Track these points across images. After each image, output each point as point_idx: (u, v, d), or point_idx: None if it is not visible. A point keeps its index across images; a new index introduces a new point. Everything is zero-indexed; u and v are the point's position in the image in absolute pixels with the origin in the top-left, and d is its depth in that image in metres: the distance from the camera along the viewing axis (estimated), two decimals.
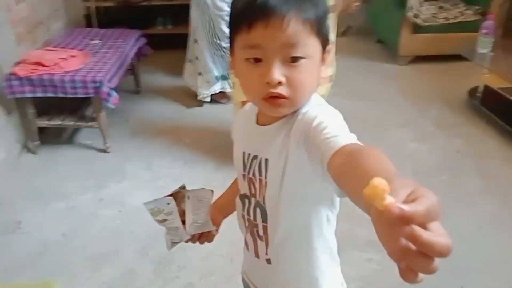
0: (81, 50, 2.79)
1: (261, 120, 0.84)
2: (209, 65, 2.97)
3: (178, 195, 0.90)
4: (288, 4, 0.68)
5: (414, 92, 3.39)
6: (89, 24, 3.74)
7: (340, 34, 4.45)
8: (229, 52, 0.82)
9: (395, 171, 0.51)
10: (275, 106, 0.74)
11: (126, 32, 3.17)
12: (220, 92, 3.11)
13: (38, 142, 2.59)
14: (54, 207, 2.20)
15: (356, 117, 2.94)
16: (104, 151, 2.62)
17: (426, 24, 3.70)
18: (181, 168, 2.50)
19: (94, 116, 2.58)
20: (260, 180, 0.83)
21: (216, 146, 2.68)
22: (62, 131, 2.79)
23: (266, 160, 0.81)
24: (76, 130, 2.81)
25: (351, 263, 1.82)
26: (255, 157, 0.84)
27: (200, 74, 3.03)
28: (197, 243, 1.00)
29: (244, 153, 0.86)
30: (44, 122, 2.57)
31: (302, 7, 0.70)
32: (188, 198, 0.89)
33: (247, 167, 0.86)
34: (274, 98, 0.73)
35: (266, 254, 0.89)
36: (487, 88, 3.02)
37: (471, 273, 1.82)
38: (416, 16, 3.66)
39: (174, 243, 0.96)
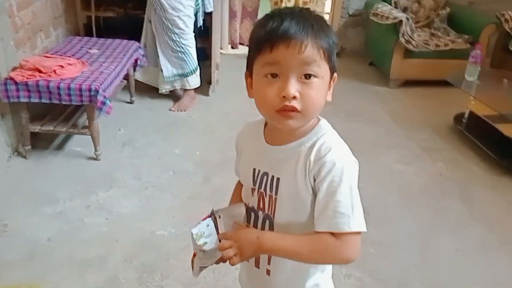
0: (78, 58, 2.83)
1: (271, 140, 0.92)
2: (162, 64, 3.25)
3: (213, 216, 0.90)
4: (306, 32, 0.80)
5: (403, 115, 3.47)
6: (88, 33, 3.79)
7: None
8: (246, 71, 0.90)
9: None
10: (287, 118, 0.83)
11: (125, 43, 3.23)
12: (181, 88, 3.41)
13: (29, 147, 2.62)
14: (41, 211, 2.22)
15: (346, 137, 2.98)
16: (94, 158, 2.65)
17: (418, 50, 3.80)
18: (170, 178, 2.53)
19: (87, 124, 2.61)
20: (270, 196, 0.92)
21: (205, 158, 2.72)
22: (54, 137, 2.82)
23: (278, 179, 0.90)
24: (67, 136, 2.84)
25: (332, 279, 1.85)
26: (265, 173, 0.93)
27: (161, 71, 3.29)
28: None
29: (254, 169, 0.95)
30: (36, 127, 2.59)
31: (317, 36, 0.82)
32: (219, 217, 0.90)
33: (257, 182, 0.94)
34: (287, 111, 0.82)
35: (268, 264, 0.97)
36: (472, 115, 3.11)
37: None
38: (408, 42, 3.76)
39: (202, 268, 0.95)
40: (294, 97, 0.80)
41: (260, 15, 4.80)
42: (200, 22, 3.39)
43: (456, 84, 3.19)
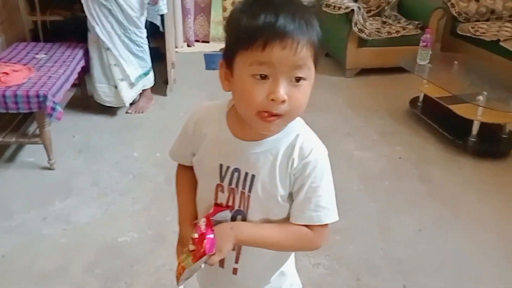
0: (25, 64, 2.71)
1: (240, 133, 0.86)
2: (127, 69, 3.09)
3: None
4: (302, 30, 0.74)
5: (360, 103, 3.53)
6: (35, 39, 3.63)
7: None
8: (223, 63, 0.82)
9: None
10: (268, 124, 0.77)
11: (73, 46, 3.12)
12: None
13: None
14: None
15: None
16: (48, 168, 2.54)
17: (371, 38, 3.87)
18: (130, 182, 2.46)
19: (38, 132, 2.50)
20: (242, 192, 0.87)
21: (166, 158, 2.63)
22: (4, 148, 2.68)
23: (253, 176, 0.85)
24: (19, 147, 2.71)
25: (300, 269, 1.83)
26: (236, 170, 0.87)
27: (122, 80, 3.10)
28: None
29: (221, 165, 0.88)
30: None
31: (310, 33, 0.76)
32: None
33: (226, 178, 0.88)
34: (270, 116, 0.76)
35: (236, 262, 0.94)
36: (426, 98, 3.19)
37: (413, 273, 1.90)
38: (361, 31, 3.82)
39: (188, 278, 0.91)
40: (284, 101, 0.75)
41: (213, 10, 4.75)
42: (158, 23, 3.34)
43: (409, 68, 3.27)
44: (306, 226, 0.86)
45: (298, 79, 0.76)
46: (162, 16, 3.40)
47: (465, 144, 2.81)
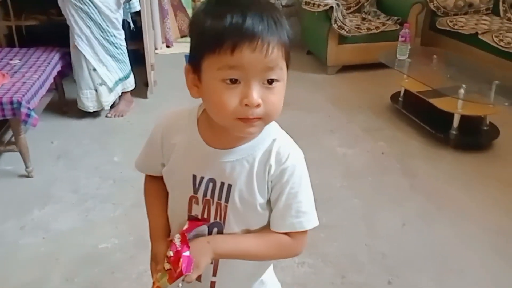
0: None
1: (213, 141, 0.82)
2: (107, 73, 3.05)
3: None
4: (271, 30, 0.71)
5: (342, 100, 3.53)
6: (10, 44, 3.56)
7: None
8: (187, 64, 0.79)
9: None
10: (249, 126, 0.74)
11: (49, 50, 3.06)
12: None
13: None
14: None
15: (289, 125, 2.94)
16: (26, 176, 2.48)
17: (351, 35, 3.87)
18: (110, 188, 2.42)
19: (14, 140, 2.44)
20: (218, 203, 0.83)
21: None
22: None
23: (230, 185, 0.82)
24: None
25: (284, 268, 1.85)
26: (211, 180, 0.83)
27: (101, 84, 3.05)
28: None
29: (195, 176, 0.84)
30: None
31: (280, 33, 0.73)
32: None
33: (200, 190, 0.84)
34: (249, 119, 0.73)
35: (214, 276, 0.90)
36: (407, 93, 3.20)
37: (398, 268, 1.89)
38: (341, 27, 3.82)
39: None
40: (258, 105, 0.72)
41: (186, 7, 4.71)
42: (129, 20, 3.29)
43: (388, 64, 3.27)
44: (286, 233, 0.84)
45: (270, 81, 0.73)
46: (134, 14, 3.35)
47: (446, 138, 2.82)
